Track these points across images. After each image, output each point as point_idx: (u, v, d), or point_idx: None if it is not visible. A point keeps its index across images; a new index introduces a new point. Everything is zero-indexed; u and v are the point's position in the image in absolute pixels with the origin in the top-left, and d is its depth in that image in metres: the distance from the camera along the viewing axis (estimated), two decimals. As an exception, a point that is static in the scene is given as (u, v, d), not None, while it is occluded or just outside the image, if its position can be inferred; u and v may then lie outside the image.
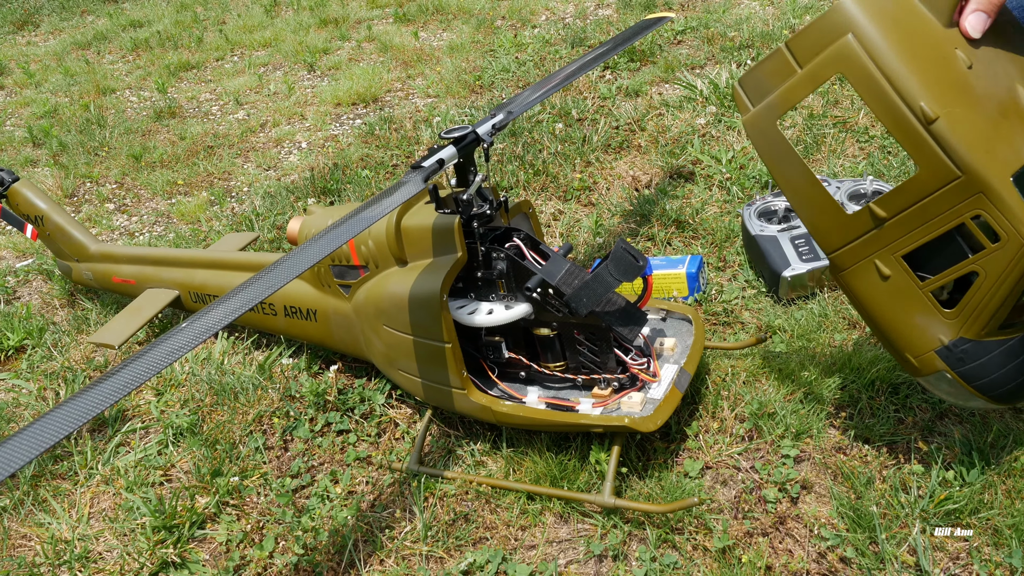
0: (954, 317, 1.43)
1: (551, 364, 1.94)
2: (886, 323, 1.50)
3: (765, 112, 1.47)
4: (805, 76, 1.40)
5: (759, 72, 1.47)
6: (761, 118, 1.48)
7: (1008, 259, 1.33)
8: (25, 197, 2.86)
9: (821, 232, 1.50)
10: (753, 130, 1.50)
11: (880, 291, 1.48)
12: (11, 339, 2.80)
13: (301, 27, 6.36)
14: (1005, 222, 1.31)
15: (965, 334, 1.43)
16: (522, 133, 3.62)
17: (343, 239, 1.51)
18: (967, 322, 1.42)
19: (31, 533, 2.01)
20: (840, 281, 1.54)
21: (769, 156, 1.50)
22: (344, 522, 1.88)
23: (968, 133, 1.29)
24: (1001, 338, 1.43)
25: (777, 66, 1.43)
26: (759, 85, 1.47)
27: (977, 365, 1.44)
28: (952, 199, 1.33)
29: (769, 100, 1.46)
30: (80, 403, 1.24)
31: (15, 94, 5.94)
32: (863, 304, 1.52)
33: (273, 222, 3.35)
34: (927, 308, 1.45)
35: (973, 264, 1.37)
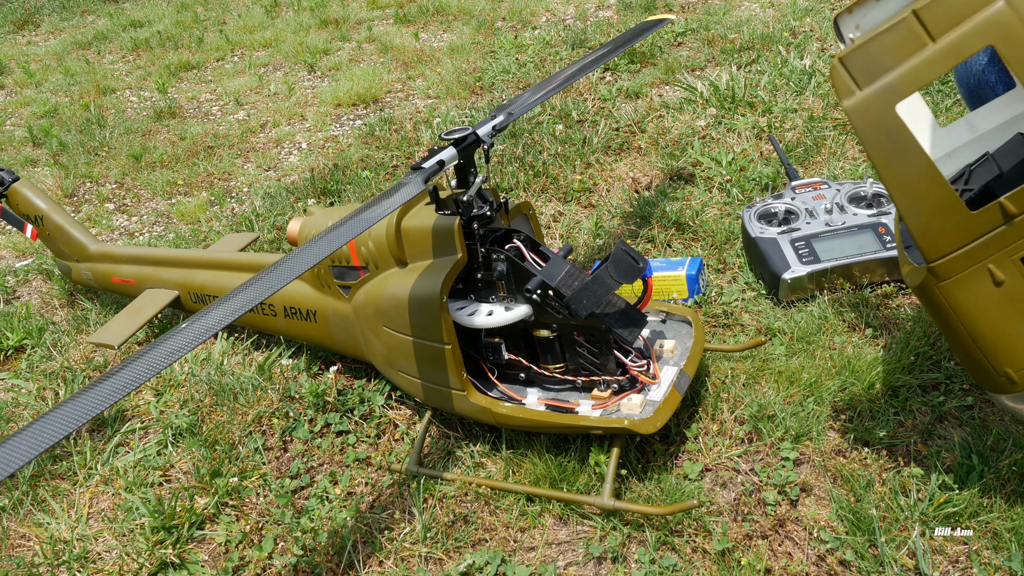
0: None
1: (551, 366, 1.94)
2: (988, 334, 1.36)
3: (882, 95, 1.29)
4: (942, 50, 1.23)
5: (872, 48, 1.29)
6: (876, 102, 1.30)
7: None
8: (25, 197, 2.86)
9: (932, 235, 1.34)
10: (862, 116, 1.32)
11: (989, 299, 1.34)
12: (11, 339, 2.80)
13: (301, 28, 6.36)
14: None
15: None
16: (522, 134, 3.62)
17: (343, 240, 1.51)
18: None
19: (30, 533, 2.01)
20: (932, 292, 1.39)
21: (880, 147, 1.32)
22: (343, 523, 1.88)
23: None
24: None
25: (900, 39, 1.27)
26: (871, 63, 1.30)
27: None
28: None
29: (888, 80, 1.28)
30: (80, 403, 1.24)
31: (15, 94, 5.94)
32: (963, 316, 1.37)
33: (273, 223, 3.35)
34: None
35: None
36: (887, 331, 2.15)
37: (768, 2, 4.90)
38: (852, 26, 1.71)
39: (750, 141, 3.26)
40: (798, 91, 3.55)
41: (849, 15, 1.69)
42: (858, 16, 1.69)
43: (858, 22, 1.69)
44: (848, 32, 1.72)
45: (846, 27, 1.71)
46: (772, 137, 2.91)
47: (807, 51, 3.95)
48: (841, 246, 2.32)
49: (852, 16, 1.69)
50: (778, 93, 3.57)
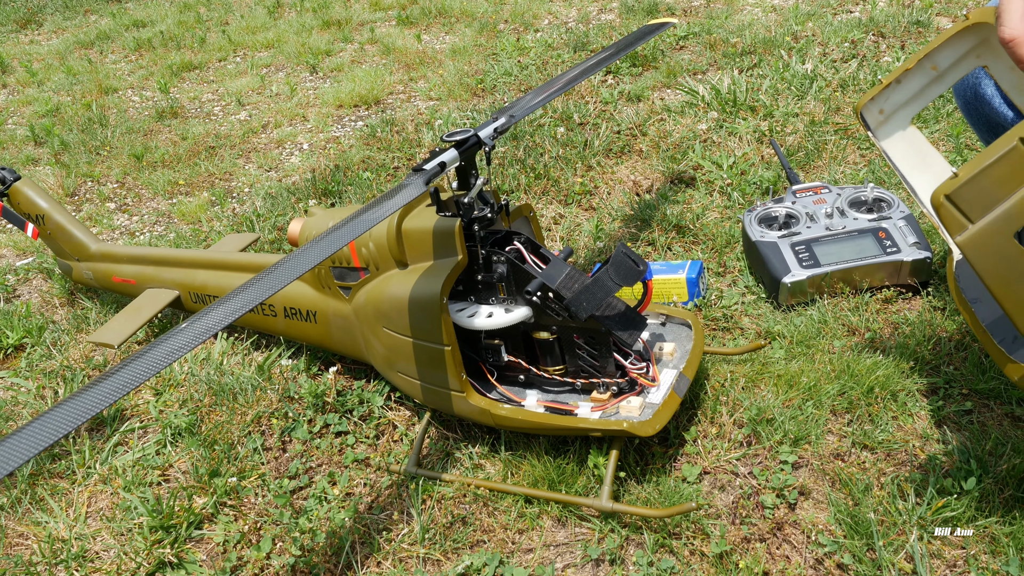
0: None
1: (550, 368, 1.94)
2: None
3: (997, 226, 1.24)
4: None
5: (982, 180, 1.24)
6: (991, 234, 1.25)
7: None
8: (26, 196, 2.87)
9: None
10: (978, 250, 1.26)
11: None
12: (10, 337, 2.80)
13: (304, 29, 6.37)
14: None
15: None
16: (524, 137, 3.63)
17: (344, 241, 1.52)
18: None
19: (28, 532, 2.01)
20: None
21: (1000, 277, 1.28)
22: (342, 524, 1.88)
23: None
24: None
25: (1011, 168, 1.22)
26: (982, 195, 1.24)
27: None
28: None
29: (1004, 210, 1.23)
30: (79, 402, 1.24)
31: (17, 92, 5.94)
32: None
33: (274, 223, 3.35)
34: None
35: None
36: (887, 335, 2.15)
37: (770, 6, 4.90)
38: (876, 112, 1.69)
39: (751, 145, 3.26)
40: (799, 95, 3.56)
41: (872, 102, 1.67)
42: (880, 102, 1.67)
43: (881, 107, 1.67)
44: (872, 118, 1.69)
45: (870, 115, 1.69)
46: (773, 141, 2.92)
47: (809, 55, 3.96)
48: (841, 250, 2.32)
49: (875, 103, 1.67)
50: (779, 97, 3.58)
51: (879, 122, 1.69)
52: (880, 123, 1.70)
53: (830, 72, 3.72)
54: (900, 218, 2.37)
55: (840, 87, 3.58)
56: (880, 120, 1.69)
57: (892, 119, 1.69)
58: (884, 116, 1.68)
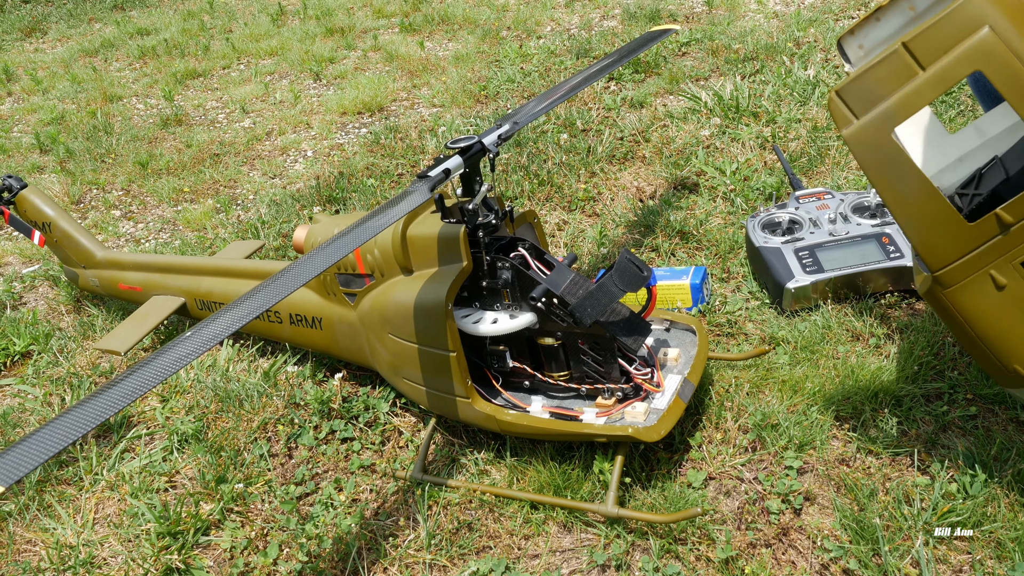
0: None
1: (555, 374, 1.95)
2: (994, 334, 1.44)
3: (877, 122, 1.37)
4: (932, 78, 1.30)
5: (867, 79, 1.36)
6: (872, 129, 1.37)
7: None
8: (33, 204, 2.88)
9: (933, 248, 1.42)
10: (861, 143, 1.39)
11: (993, 302, 1.42)
12: (17, 344, 2.81)
13: (307, 36, 6.40)
14: None
15: None
16: (527, 143, 3.64)
17: (350, 248, 1.52)
18: None
19: (36, 538, 2.02)
20: (940, 299, 1.47)
21: (878, 170, 1.40)
22: (348, 530, 1.88)
23: None
24: None
25: (892, 70, 1.34)
26: (866, 93, 1.37)
27: None
28: None
29: (883, 108, 1.36)
30: (86, 410, 1.25)
31: (23, 101, 5.97)
32: (969, 319, 1.45)
33: (279, 230, 3.36)
34: None
35: None
36: (891, 341, 2.15)
37: (772, 13, 4.91)
38: (856, 46, 1.77)
39: (754, 151, 3.27)
40: (802, 101, 3.56)
41: (852, 36, 1.76)
42: (860, 36, 1.76)
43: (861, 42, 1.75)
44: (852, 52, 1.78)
45: (850, 47, 1.78)
46: (776, 147, 2.92)
47: (811, 62, 3.96)
48: (845, 256, 2.33)
49: (855, 36, 1.76)
50: (782, 103, 3.59)
51: (859, 56, 1.79)
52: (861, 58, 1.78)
53: (832, 78, 3.73)
54: None
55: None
56: (860, 55, 1.78)
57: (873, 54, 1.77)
58: (864, 51, 1.78)
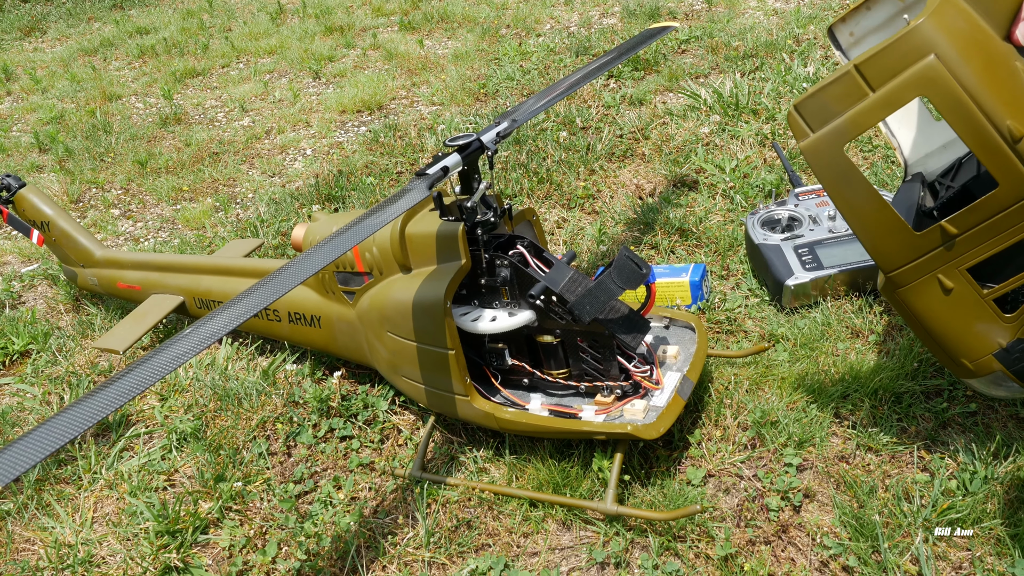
0: (1013, 321, 1.48)
1: (554, 371, 1.94)
2: (944, 333, 1.54)
3: (830, 137, 1.44)
4: (880, 99, 1.37)
5: (822, 96, 1.43)
6: (825, 143, 1.45)
7: None
8: (31, 203, 2.88)
9: (884, 253, 1.51)
10: (814, 156, 1.47)
11: (941, 303, 1.51)
12: (16, 343, 2.81)
13: (307, 35, 6.39)
14: None
15: (1022, 336, 1.48)
16: (526, 141, 3.63)
17: (348, 246, 1.52)
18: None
19: (35, 537, 2.02)
20: (895, 298, 1.56)
21: (831, 181, 1.48)
22: (347, 528, 1.88)
23: None
24: None
25: (844, 90, 1.41)
26: (821, 110, 1.44)
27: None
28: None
29: (835, 125, 1.43)
30: (85, 408, 1.25)
31: (22, 100, 5.97)
32: (920, 317, 1.54)
33: (278, 228, 3.36)
34: (987, 315, 1.49)
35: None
36: (890, 337, 2.15)
37: (772, 10, 4.91)
38: (847, 33, 1.81)
39: (754, 148, 3.26)
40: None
41: (843, 23, 1.80)
42: (851, 24, 1.79)
43: (852, 29, 1.80)
44: (843, 39, 1.82)
45: (841, 35, 1.82)
46: (776, 144, 2.92)
47: (811, 58, 3.96)
48: (844, 252, 2.33)
49: (846, 24, 1.80)
50: (782, 100, 3.58)
51: (850, 43, 1.84)
52: (851, 44, 1.85)
53: (832, 75, 3.73)
54: None
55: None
56: (851, 42, 1.84)
57: (863, 43, 1.90)
58: (855, 39, 1.84)
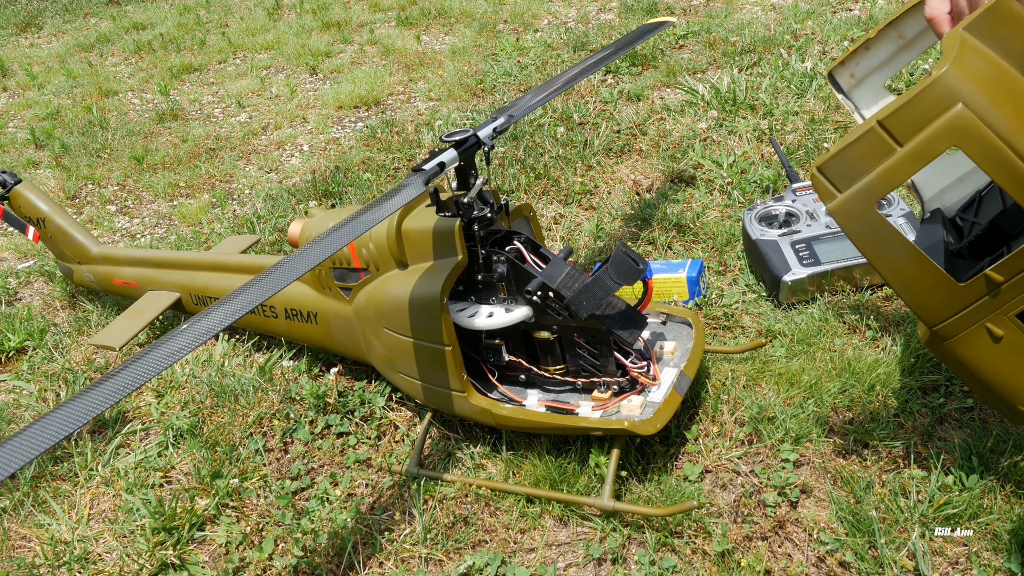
0: None
1: (551, 367, 1.94)
2: (997, 381, 1.48)
3: (859, 196, 1.40)
4: (910, 154, 1.33)
5: (846, 156, 1.39)
6: (855, 203, 1.41)
7: None
8: (27, 199, 2.87)
9: (927, 307, 1.46)
10: (845, 216, 1.43)
11: (992, 352, 1.46)
12: (12, 340, 2.81)
13: (303, 30, 6.38)
14: None
15: None
16: (523, 137, 3.63)
17: (344, 241, 1.52)
18: None
19: (31, 534, 2.01)
20: (941, 351, 1.51)
21: (866, 241, 1.44)
22: (344, 524, 1.88)
23: None
24: None
25: (870, 147, 1.37)
26: (847, 169, 1.40)
27: None
28: None
29: (865, 183, 1.39)
30: (80, 404, 1.25)
31: (18, 96, 5.95)
32: (971, 368, 1.49)
33: (274, 224, 3.35)
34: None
35: None
36: (887, 333, 2.15)
37: (769, 5, 4.90)
38: (847, 76, 1.83)
39: (751, 144, 3.26)
40: (799, 94, 3.56)
41: (843, 67, 1.81)
42: (851, 66, 1.80)
43: (852, 71, 1.80)
44: (844, 81, 1.82)
45: (842, 78, 1.83)
46: (773, 140, 2.92)
47: (808, 54, 3.95)
48: (842, 248, 2.32)
49: (846, 67, 1.80)
50: (779, 96, 3.58)
51: (851, 85, 1.82)
52: (853, 86, 1.82)
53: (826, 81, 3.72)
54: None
55: (840, 85, 3.58)
56: (852, 83, 1.81)
57: (865, 83, 1.86)
58: (856, 80, 1.81)
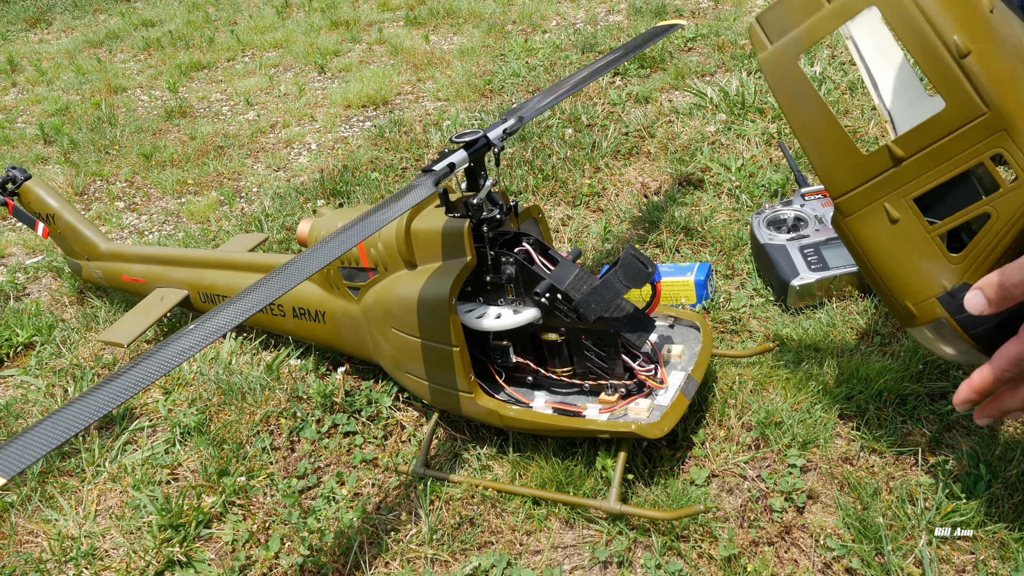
0: (959, 262, 1.38)
1: (558, 369, 1.94)
2: (889, 269, 1.47)
3: (786, 48, 1.44)
4: (834, 9, 1.38)
5: (781, 8, 1.44)
6: (780, 54, 1.45)
7: (1021, 200, 1.30)
8: (37, 195, 2.88)
9: (832, 174, 1.46)
10: (770, 67, 1.47)
11: (887, 236, 1.44)
12: (20, 336, 2.82)
13: (312, 29, 6.38)
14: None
15: (969, 280, 1.38)
16: (532, 138, 3.63)
17: (354, 242, 1.52)
18: (972, 267, 1.37)
19: (38, 529, 2.02)
20: (843, 227, 1.51)
21: (785, 94, 1.47)
22: (350, 524, 1.88)
23: (996, 70, 1.27)
24: None
25: (803, 2, 1.42)
26: (780, 21, 1.45)
27: None
28: (975, 137, 1.31)
29: (792, 35, 1.43)
30: (89, 402, 1.25)
31: (27, 91, 5.97)
32: (866, 250, 1.48)
33: (282, 223, 3.36)
34: (933, 253, 1.41)
35: (986, 206, 1.33)
36: (895, 339, 2.15)
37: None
38: None
39: (759, 147, 3.26)
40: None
41: None
42: None
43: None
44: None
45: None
46: (782, 143, 2.92)
47: (817, 58, 3.95)
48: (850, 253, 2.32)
49: None
50: (788, 99, 3.57)
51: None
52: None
53: (838, 75, 3.72)
54: None
55: (848, 90, 3.57)
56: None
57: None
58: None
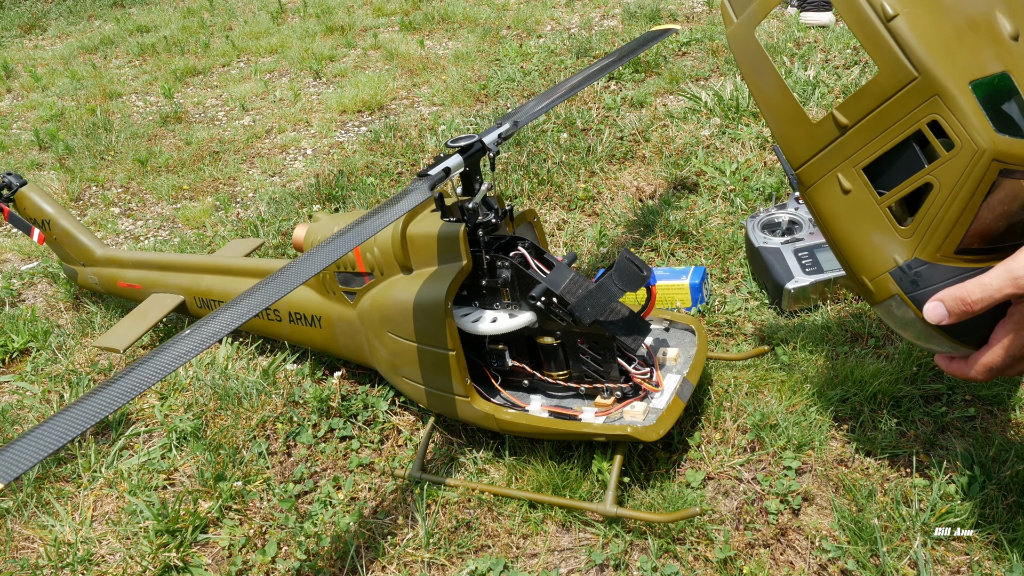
0: (909, 235, 1.34)
1: (554, 373, 1.95)
2: (846, 242, 1.44)
3: (746, 21, 1.49)
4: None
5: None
6: (742, 27, 1.50)
7: (961, 167, 1.25)
8: (32, 201, 2.88)
9: (790, 143, 1.46)
10: (735, 41, 1.52)
11: (841, 207, 1.41)
12: (16, 341, 2.81)
13: (307, 34, 6.39)
14: (959, 127, 1.23)
15: (920, 255, 1.34)
16: (527, 143, 3.64)
17: (349, 246, 1.52)
18: (922, 240, 1.33)
19: (34, 535, 2.02)
20: (807, 199, 1.50)
21: (747, 66, 1.51)
22: (346, 528, 1.88)
23: (927, 34, 1.25)
24: (959, 264, 1.33)
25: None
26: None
27: (931, 290, 1.34)
28: (909, 103, 1.28)
29: (749, 10, 1.49)
30: (85, 407, 1.25)
31: (22, 97, 5.97)
32: (826, 222, 1.46)
33: (278, 228, 3.36)
34: (884, 225, 1.37)
35: (928, 175, 1.29)
36: (890, 341, 2.16)
37: (772, 13, 4.92)
38: None
39: (754, 151, 3.27)
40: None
41: None
42: None
43: None
44: None
45: None
46: (776, 147, 2.92)
47: (811, 62, 3.96)
48: (844, 256, 2.33)
49: None
50: (782, 103, 3.58)
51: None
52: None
53: (832, 79, 3.73)
54: None
55: (843, 93, 3.59)
56: None
57: None
58: None
